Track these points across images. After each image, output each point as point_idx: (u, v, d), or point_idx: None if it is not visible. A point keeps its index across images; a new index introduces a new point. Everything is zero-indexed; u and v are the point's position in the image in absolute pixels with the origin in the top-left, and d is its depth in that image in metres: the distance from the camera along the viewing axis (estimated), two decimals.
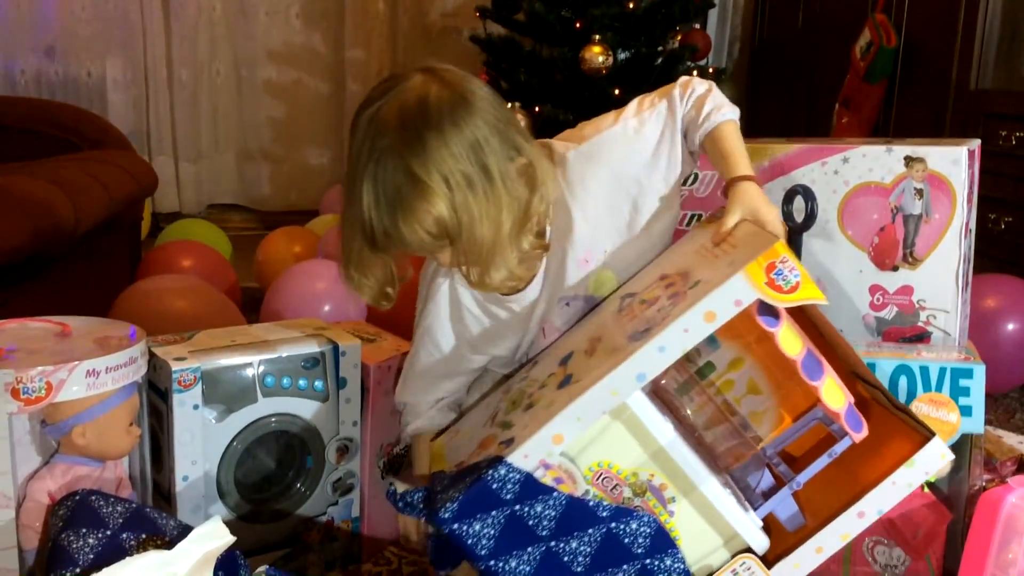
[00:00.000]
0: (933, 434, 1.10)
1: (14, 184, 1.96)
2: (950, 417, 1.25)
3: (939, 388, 1.25)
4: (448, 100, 1.09)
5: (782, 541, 1.13)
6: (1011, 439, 1.68)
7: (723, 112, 1.21)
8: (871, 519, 1.10)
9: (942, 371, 1.25)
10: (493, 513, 1.06)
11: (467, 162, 1.07)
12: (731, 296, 1.02)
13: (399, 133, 1.07)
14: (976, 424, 1.25)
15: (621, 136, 1.22)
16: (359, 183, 1.08)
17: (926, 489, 1.28)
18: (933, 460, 1.10)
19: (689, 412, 1.16)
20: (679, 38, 3.64)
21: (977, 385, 1.25)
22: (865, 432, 1.11)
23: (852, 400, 1.10)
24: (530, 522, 1.07)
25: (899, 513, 1.26)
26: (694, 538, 1.10)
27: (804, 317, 1.15)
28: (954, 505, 1.28)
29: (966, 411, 1.25)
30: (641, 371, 1.04)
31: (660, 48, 3.53)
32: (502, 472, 1.06)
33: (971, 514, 1.24)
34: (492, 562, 1.07)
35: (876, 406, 1.21)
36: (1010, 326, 2.07)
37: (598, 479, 1.08)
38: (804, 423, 1.17)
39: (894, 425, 1.17)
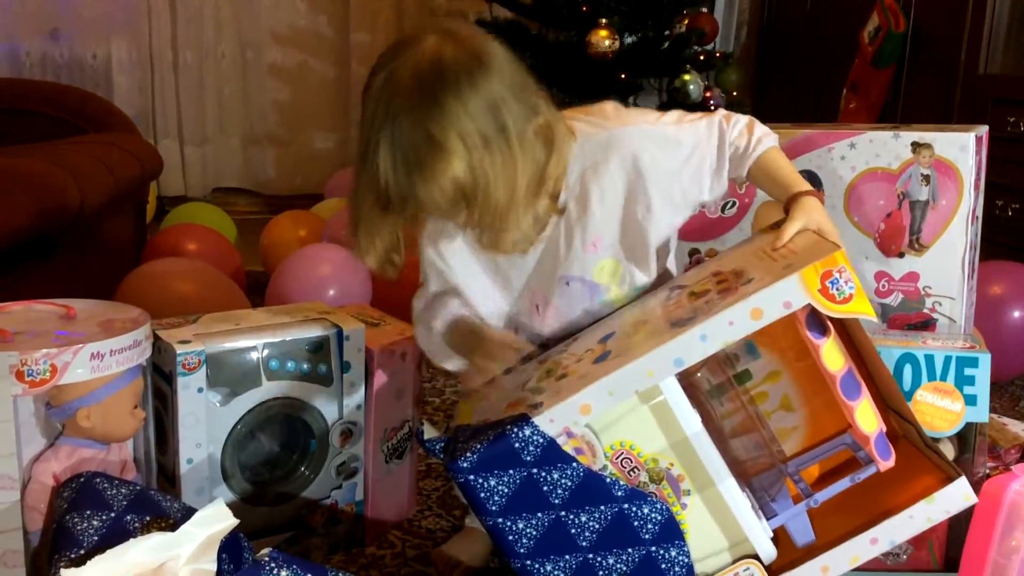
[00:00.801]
0: (960, 475, 1.10)
1: (19, 166, 1.96)
2: (955, 406, 1.24)
3: (944, 377, 1.24)
4: (464, 60, 1.08)
5: (787, 554, 1.13)
6: (1016, 427, 1.68)
7: (771, 138, 1.23)
8: (883, 548, 1.10)
9: (947, 360, 1.24)
10: (511, 472, 1.06)
11: (484, 122, 1.07)
12: (781, 296, 1.02)
13: (415, 94, 1.07)
14: (981, 413, 1.25)
15: (660, 137, 1.21)
16: (375, 146, 1.08)
17: None
18: (955, 500, 1.10)
19: (719, 416, 1.16)
20: (686, 22, 3.62)
21: (982, 374, 1.24)
22: (892, 462, 1.10)
23: (884, 428, 1.10)
24: (545, 487, 1.07)
25: None
26: (701, 535, 1.10)
27: (850, 342, 1.15)
28: None
29: (971, 400, 1.24)
30: (680, 356, 1.04)
31: (667, 32, 3.51)
32: (527, 433, 1.05)
33: None
34: (500, 519, 1.07)
35: (906, 441, 1.21)
36: (1016, 313, 2.06)
37: (617, 458, 1.08)
38: (832, 446, 1.17)
39: (920, 462, 1.17)
